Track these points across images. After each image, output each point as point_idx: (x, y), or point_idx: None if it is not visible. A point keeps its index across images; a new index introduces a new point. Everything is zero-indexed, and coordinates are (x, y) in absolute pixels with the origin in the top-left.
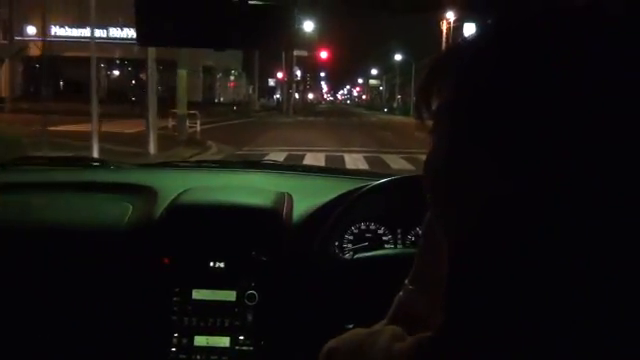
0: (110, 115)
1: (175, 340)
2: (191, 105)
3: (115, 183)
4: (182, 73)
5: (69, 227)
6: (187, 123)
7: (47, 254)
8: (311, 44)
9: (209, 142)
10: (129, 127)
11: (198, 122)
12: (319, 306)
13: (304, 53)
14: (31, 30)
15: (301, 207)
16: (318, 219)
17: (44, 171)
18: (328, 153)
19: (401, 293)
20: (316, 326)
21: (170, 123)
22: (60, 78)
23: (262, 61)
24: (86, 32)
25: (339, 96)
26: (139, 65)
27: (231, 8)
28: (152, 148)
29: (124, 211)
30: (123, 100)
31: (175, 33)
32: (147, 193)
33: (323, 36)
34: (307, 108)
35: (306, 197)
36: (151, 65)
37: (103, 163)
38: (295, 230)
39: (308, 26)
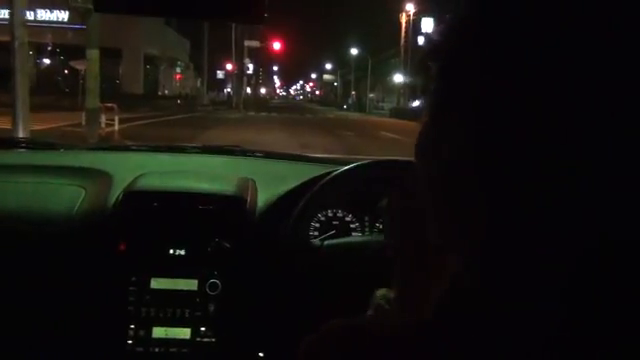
0: (35, 107)
1: (132, 332)
2: (129, 97)
3: (66, 166)
4: (92, 54)
5: (17, 212)
6: (103, 119)
7: None
8: (263, 35)
9: (129, 144)
10: (45, 122)
11: (116, 118)
12: (284, 295)
13: (256, 44)
14: None
15: (265, 193)
16: (284, 206)
17: None
18: None
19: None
20: (281, 316)
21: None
22: None
23: (211, 52)
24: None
25: (292, 91)
26: (73, 52)
27: None
28: None
29: (76, 196)
30: (54, 90)
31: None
32: (100, 177)
33: (276, 26)
34: (259, 103)
35: (270, 183)
36: (20, 38)
37: (52, 145)
38: (260, 217)
39: None
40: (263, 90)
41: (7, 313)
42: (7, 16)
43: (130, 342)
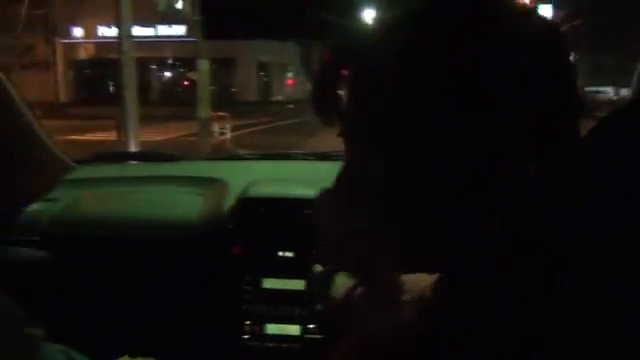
0: (157, 117)
1: (247, 328)
2: (244, 104)
3: (185, 176)
4: (203, 65)
5: (144, 218)
6: (216, 128)
7: (124, 245)
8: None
9: (242, 153)
10: (164, 132)
11: (227, 127)
12: None
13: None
14: (78, 32)
15: None
16: None
17: (118, 166)
18: None
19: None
20: None
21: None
22: (110, 81)
23: (323, 55)
24: (136, 32)
25: None
26: (191, 64)
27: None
28: None
29: (195, 203)
30: (175, 102)
31: (239, 26)
32: (216, 185)
33: None
34: None
35: None
36: (127, 53)
37: (173, 157)
38: None
39: (368, 15)
40: None
41: (136, 310)
42: (135, 34)
43: (246, 337)
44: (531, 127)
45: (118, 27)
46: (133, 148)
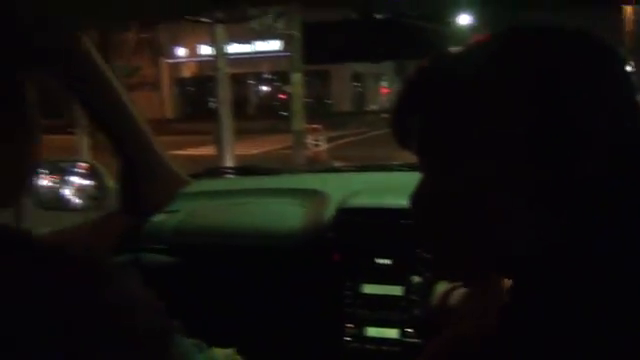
0: (254, 131)
1: (348, 330)
2: (339, 115)
3: (289, 188)
4: (296, 78)
5: (252, 228)
6: (310, 140)
7: (234, 253)
8: (466, 39)
9: (338, 165)
10: (263, 145)
11: (321, 139)
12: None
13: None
14: (182, 52)
15: None
16: None
17: (228, 180)
18: None
19: None
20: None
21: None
22: (210, 97)
23: (415, 63)
24: (234, 48)
25: None
26: (286, 78)
27: (380, 24)
28: None
29: (298, 213)
30: (272, 115)
31: (337, 51)
32: (318, 196)
33: (480, 29)
34: None
35: None
36: (221, 69)
37: (277, 171)
38: None
39: (463, 19)
40: None
41: (244, 313)
42: (233, 50)
43: (347, 339)
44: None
45: (213, 46)
46: (228, 162)
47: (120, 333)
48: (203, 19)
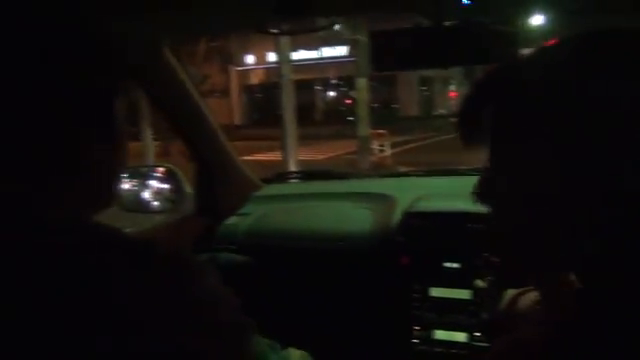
0: (321, 137)
1: (416, 333)
2: (406, 120)
3: (357, 192)
4: (361, 83)
5: (321, 231)
6: (375, 145)
7: (304, 255)
8: (539, 40)
9: (406, 170)
10: (329, 150)
11: (387, 144)
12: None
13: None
14: (250, 59)
15: None
16: None
17: (299, 184)
18: None
19: None
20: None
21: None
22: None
23: (485, 65)
24: (300, 55)
25: None
26: (353, 83)
27: (445, 31)
28: None
29: (366, 217)
30: (339, 121)
31: (405, 58)
32: (386, 200)
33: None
34: None
35: None
36: (285, 76)
37: (346, 175)
38: None
39: (537, 20)
40: None
41: (312, 314)
42: (301, 57)
43: (415, 342)
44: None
45: (276, 53)
46: (292, 167)
47: (205, 327)
48: (272, 30)
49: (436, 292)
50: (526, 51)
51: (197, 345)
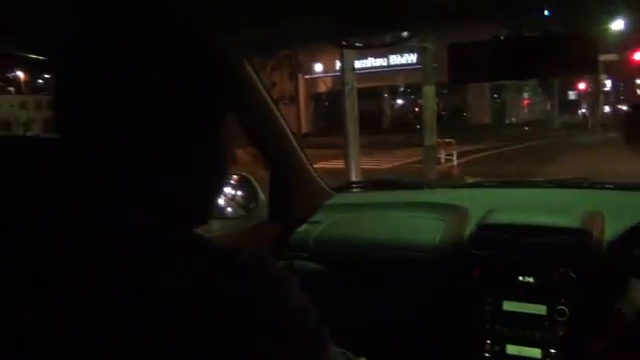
0: (388, 145)
1: (488, 347)
2: (476, 128)
3: (428, 203)
4: (428, 91)
5: (393, 240)
6: (442, 155)
7: (374, 263)
8: (621, 45)
9: (469, 180)
10: (395, 159)
11: (454, 153)
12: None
13: (613, 57)
14: (318, 68)
15: (614, 225)
16: (633, 239)
17: (369, 193)
18: None
19: None
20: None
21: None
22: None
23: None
24: (368, 63)
25: None
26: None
27: (524, 43)
28: None
29: (437, 227)
30: (407, 129)
31: (484, 70)
32: (457, 211)
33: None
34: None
35: (620, 215)
36: (348, 84)
37: (418, 185)
38: (607, 249)
39: (618, 24)
40: (624, 107)
41: (382, 323)
42: (369, 65)
43: (487, 355)
44: None
45: (341, 61)
46: (354, 176)
47: (290, 334)
48: (353, 44)
49: (509, 306)
50: (607, 57)
51: (282, 351)
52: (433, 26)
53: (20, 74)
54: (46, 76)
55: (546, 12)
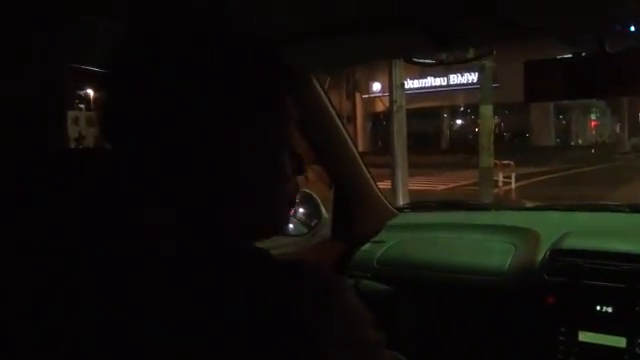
0: (446, 165)
1: None
2: (539, 150)
3: (498, 225)
4: (485, 111)
5: (459, 264)
6: (500, 177)
7: (440, 287)
8: None
9: (527, 204)
10: (451, 181)
11: (513, 175)
12: None
13: None
14: (376, 87)
15: None
16: None
17: (434, 214)
18: None
19: None
20: None
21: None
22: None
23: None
24: (428, 82)
25: None
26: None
27: (607, 59)
28: None
29: (508, 251)
30: (467, 149)
31: (563, 88)
32: (528, 235)
33: None
34: None
35: None
36: (396, 102)
37: (485, 206)
38: None
39: None
40: None
41: (447, 351)
42: (428, 84)
43: None
44: None
45: (389, 80)
46: (401, 198)
47: (347, 340)
48: (419, 60)
49: (585, 337)
50: None
51: (335, 358)
52: (506, 44)
53: (90, 91)
54: None
55: (632, 28)
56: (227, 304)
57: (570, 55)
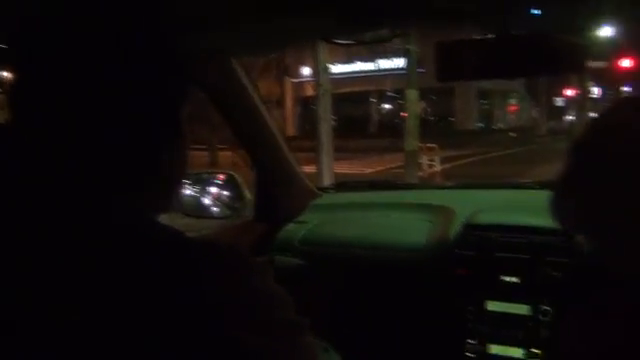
0: (373, 150)
1: (470, 346)
2: (462, 134)
3: (415, 203)
4: (411, 95)
5: (378, 241)
6: (424, 160)
7: (359, 264)
8: (610, 53)
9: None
10: (377, 164)
11: (436, 159)
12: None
13: (601, 64)
14: (306, 71)
15: None
16: None
17: (357, 194)
18: None
19: None
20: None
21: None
22: (332, 116)
23: (548, 79)
24: (356, 67)
25: None
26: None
27: (512, 41)
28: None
29: (424, 228)
30: (394, 133)
31: (472, 68)
32: (445, 212)
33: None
34: None
35: None
36: (322, 86)
37: (406, 186)
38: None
39: (605, 32)
40: None
41: (364, 324)
42: (357, 69)
43: (469, 355)
44: None
45: (316, 65)
46: (327, 181)
47: (261, 324)
48: (335, 41)
49: (493, 306)
50: (596, 64)
51: (253, 342)
52: (419, 24)
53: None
54: None
55: (535, 11)
56: (124, 283)
57: (479, 37)
